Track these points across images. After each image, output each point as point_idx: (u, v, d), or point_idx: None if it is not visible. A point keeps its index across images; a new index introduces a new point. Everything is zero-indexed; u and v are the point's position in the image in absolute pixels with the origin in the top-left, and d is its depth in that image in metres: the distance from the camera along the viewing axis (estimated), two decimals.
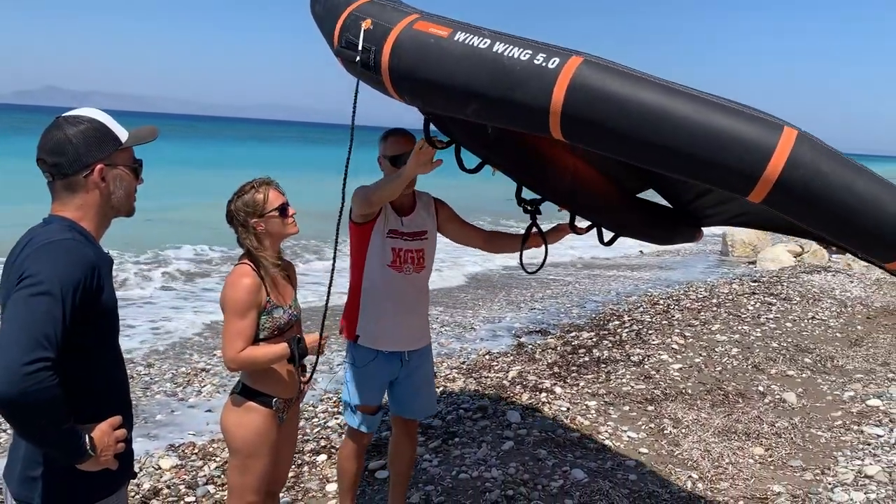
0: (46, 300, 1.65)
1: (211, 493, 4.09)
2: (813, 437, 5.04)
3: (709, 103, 1.78)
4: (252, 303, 2.65)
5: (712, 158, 1.75)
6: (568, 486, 4.16)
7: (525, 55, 1.90)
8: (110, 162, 1.89)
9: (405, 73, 2.19)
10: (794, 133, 1.72)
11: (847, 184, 1.71)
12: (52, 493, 1.82)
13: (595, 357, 6.82)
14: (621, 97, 1.80)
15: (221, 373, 6.41)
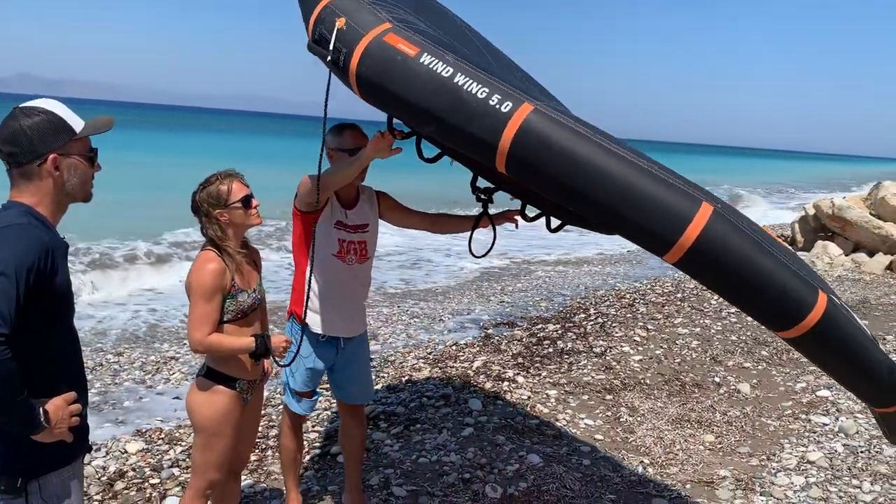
0: (1, 280, 1.75)
1: (175, 476, 4.20)
2: (762, 426, 5.24)
3: (641, 168, 1.98)
4: (217, 287, 2.75)
5: (634, 220, 1.97)
6: (523, 470, 4.31)
7: (483, 93, 2.08)
8: (64, 151, 1.99)
9: (371, 82, 2.31)
10: (711, 209, 1.93)
11: (749, 262, 1.95)
12: (8, 461, 1.93)
13: (559, 348, 6.99)
14: (561, 149, 1.99)
15: (190, 361, 6.50)
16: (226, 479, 3.06)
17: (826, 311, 2.01)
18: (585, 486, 4.18)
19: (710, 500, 4.08)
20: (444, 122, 2.17)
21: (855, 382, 2.30)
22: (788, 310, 2.01)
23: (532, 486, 4.12)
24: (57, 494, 2.00)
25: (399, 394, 5.61)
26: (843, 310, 2.11)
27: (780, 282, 1.98)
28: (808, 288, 2.02)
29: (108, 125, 2.10)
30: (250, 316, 2.91)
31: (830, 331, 2.05)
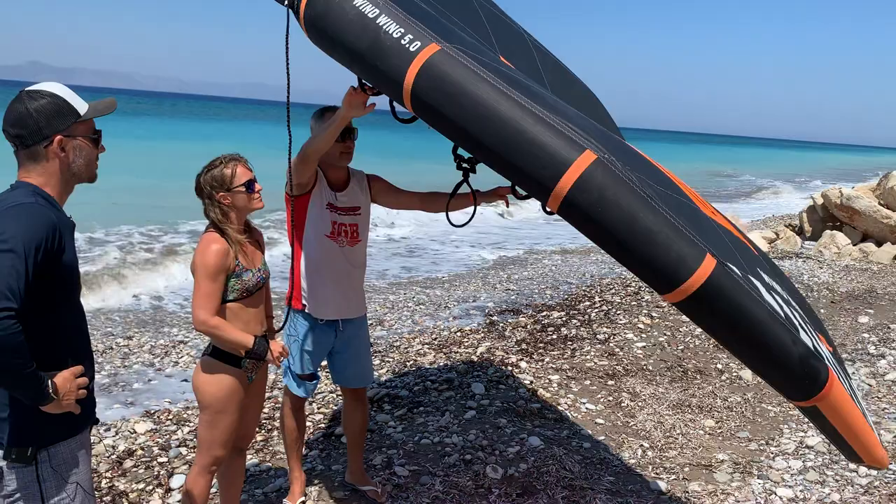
0: (11, 256, 1.83)
1: (183, 455, 4.29)
2: (763, 412, 5.29)
3: (531, 113, 1.95)
4: (221, 267, 2.82)
5: (517, 163, 1.95)
6: (524, 452, 4.38)
7: (398, 33, 2.12)
8: (69, 133, 2.06)
9: (311, 23, 2.39)
10: (592, 157, 1.88)
11: (627, 216, 1.87)
12: (19, 432, 2.00)
13: (563, 335, 7.05)
14: (457, 89, 2.00)
15: (199, 345, 6.60)
16: (231, 456, 3.14)
17: (711, 277, 1.89)
18: (585, 468, 4.24)
19: (707, 482, 4.14)
20: (363, 62, 2.23)
21: (756, 365, 2.10)
22: (667, 271, 1.90)
23: (532, 467, 4.19)
24: (66, 463, 2.08)
25: (403, 378, 5.68)
26: (743, 280, 1.98)
27: (660, 240, 1.88)
28: (693, 249, 1.91)
29: (111, 107, 2.17)
30: (255, 295, 2.98)
31: (715, 300, 1.91)
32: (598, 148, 1.93)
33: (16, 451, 2.00)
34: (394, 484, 3.96)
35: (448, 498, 3.83)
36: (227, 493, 3.31)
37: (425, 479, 4.02)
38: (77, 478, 2.11)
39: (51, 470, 2.04)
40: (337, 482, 3.96)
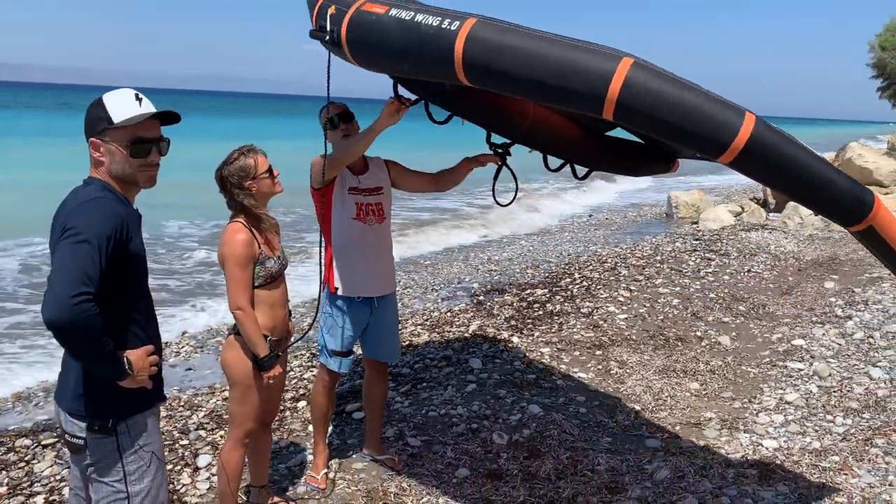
0: (87, 247, 2.02)
1: (203, 437, 4.49)
2: (743, 373, 5.62)
3: (564, 44, 2.26)
4: (249, 255, 3.02)
5: (568, 86, 2.23)
6: (525, 419, 4.65)
7: (436, 21, 2.44)
8: (101, 137, 2.22)
9: (358, 45, 2.73)
10: (630, 61, 2.18)
11: (675, 98, 2.17)
12: (100, 406, 2.20)
13: (548, 310, 7.34)
14: (500, 45, 2.31)
15: (198, 335, 6.76)
16: (258, 431, 3.35)
17: (755, 132, 2.16)
18: (583, 430, 4.53)
19: (698, 439, 4.44)
20: (413, 56, 2.54)
21: (810, 200, 2.43)
22: (716, 135, 2.18)
23: (535, 432, 4.47)
24: (142, 434, 2.28)
25: (403, 357, 5.91)
26: (778, 132, 2.25)
27: (705, 110, 2.16)
28: (733, 112, 2.17)
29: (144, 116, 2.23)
30: (277, 280, 3.18)
31: (764, 150, 2.19)
32: (630, 55, 2.22)
33: (98, 423, 2.19)
34: (408, 454, 4.20)
35: (460, 464, 4.09)
36: (256, 466, 3.53)
37: (437, 448, 4.27)
38: (152, 447, 2.31)
39: (129, 440, 2.24)
40: (355, 455, 4.18)
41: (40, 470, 4.08)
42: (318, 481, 3.83)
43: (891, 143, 17.74)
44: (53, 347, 6.36)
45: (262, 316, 3.11)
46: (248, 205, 3.06)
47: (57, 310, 1.93)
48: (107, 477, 2.23)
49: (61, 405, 2.27)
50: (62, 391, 2.27)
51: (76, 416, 2.22)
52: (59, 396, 2.29)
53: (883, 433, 4.29)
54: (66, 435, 2.27)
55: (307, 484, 3.85)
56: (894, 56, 17.08)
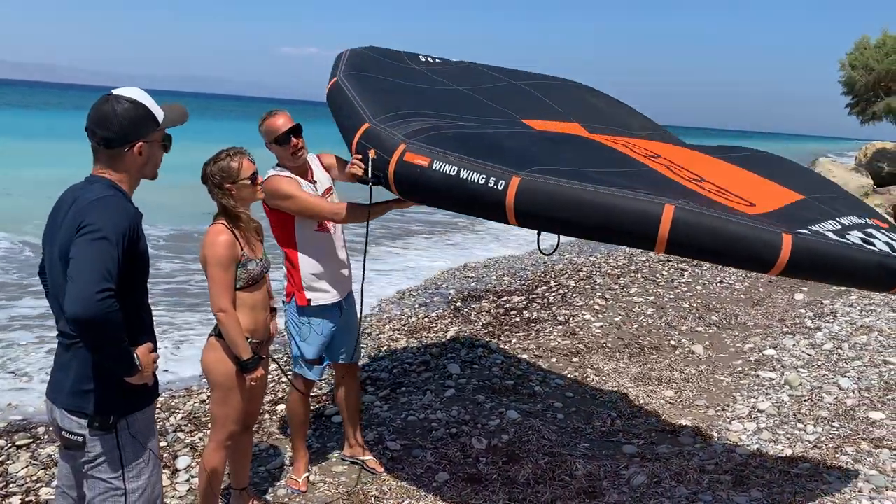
0: (105, 243, 2.04)
1: (181, 439, 4.46)
2: (716, 382, 5.72)
3: (608, 194, 2.60)
4: (231, 257, 3.01)
5: (623, 230, 2.59)
6: (504, 425, 4.70)
7: (482, 179, 2.78)
8: (149, 139, 2.25)
9: (407, 192, 3.09)
10: (672, 207, 2.52)
11: (717, 229, 2.51)
12: (101, 402, 2.20)
13: (525, 318, 7.40)
14: (550, 200, 2.67)
15: (174, 337, 6.71)
16: (240, 433, 3.35)
17: (795, 248, 2.50)
18: (561, 436, 4.58)
19: (673, 445, 4.52)
20: (462, 204, 2.93)
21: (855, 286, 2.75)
22: (761, 256, 2.54)
23: (513, 437, 4.51)
24: (141, 431, 2.28)
25: (381, 362, 5.93)
26: (815, 238, 2.57)
27: (747, 237, 2.54)
28: (773, 234, 2.52)
29: (185, 118, 2.36)
30: (259, 283, 3.18)
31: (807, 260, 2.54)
32: (671, 201, 2.55)
33: (99, 419, 2.19)
34: (388, 458, 4.22)
35: (440, 468, 4.11)
36: (236, 469, 3.52)
37: (417, 452, 4.29)
38: (150, 444, 2.32)
39: (129, 437, 2.24)
40: (334, 458, 4.19)
41: (15, 471, 4.03)
42: (299, 484, 3.83)
43: (858, 160, 18.14)
44: (25, 345, 6.29)
45: (243, 318, 3.10)
46: (227, 204, 3.06)
47: (83, 305, 1.97)
48: (105, 473, 2.23)
49: (57, 402, 2.26)
50: (58, 389, 2.27)
51: (75, 413, 2.22)
52: (53, 394, 2.28)
53: (852, 441, 4.39)
54: (62, 432, 2.26)
55: (288, 486, 3.85)
56: (863, 74, 17.49)
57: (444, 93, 3.92)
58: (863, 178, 15.28)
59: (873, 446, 4.30)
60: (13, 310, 7.36)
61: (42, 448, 4.33)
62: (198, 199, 3.82)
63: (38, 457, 4.20)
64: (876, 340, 6.54)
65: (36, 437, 4.50)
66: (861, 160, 17.82)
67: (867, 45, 17.58)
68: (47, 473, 3.98)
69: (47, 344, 6.33)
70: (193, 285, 8.72)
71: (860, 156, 18.08)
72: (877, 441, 4.38)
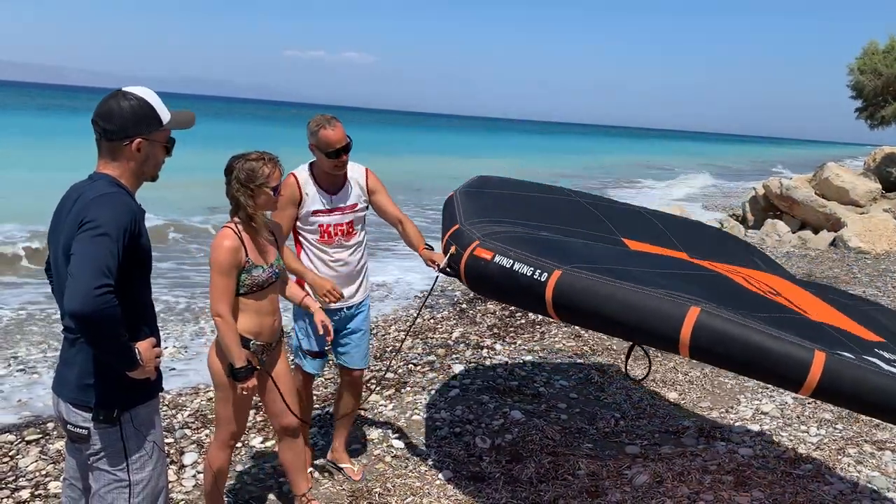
0: (106, 239, 2.07)
1: (188, 435, 4.51)
2: (720, 384, 5.74)
3: (640, 293, 2.61)
4: (232, 263, 2.98)
5: (647, 329, 2.57)
6: (508, 425, 4.73)
7: (529, 271, 2.93)
8: (149, 138, 2.29)
9: (474, 283, 3.27)
10: (697, 310, 2.48)
11: (743, 338, 2.41)
12: (105, 396, 2.25)
13: (531, 319, 7.43)
14: (583, 295, 2.73)
15: (182, 335, 6.77)
16: (281, 439, 3.34)
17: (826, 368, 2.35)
18: (565, 436, 4.61)
19: (676, 445, 4.53)
20: (512, 296, 3.10)
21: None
22: (788, 373, 2.38)
23: (517, 437, 4.54)
24: (144, 424, 2.32)
25: (387, 362, 5.97)
26: (858, 360, 2.42)
27: (774, 350, 2.38)
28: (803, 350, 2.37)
29: (192, 122, 2.40)
30: (267, 290, 3.12)
31: (841, 382, 2.35)
32: (700, 301, 2.52)
33: (103, 413, 2.24)
34: (392, 455, 4.26)
35: (444, 466, 4.15)
36: (293, 476, 3.45)
37: (421, 451, 4.33)
38: (153, 437, 2.36)
39: (133, 430, 2.29)
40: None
41: (25, 465, 4.09)
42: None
43: (867, 165, 18.10)
44: (29, 344, 6.36)
45: (247, 322, 3.08)
46: (244, 202, 3.02)
47: (82, 300, 1.99)
48: (109, 466, 2.28)
49: (62, 396, 2.31)
50: (63, 383, 2.31)
51: (80, 407, 2.26)
52: (59, 388, 2.33)
53: (855, 443, 4.41)
54: (68, 425, 2.30)
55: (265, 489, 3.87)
56: (871, 79, 17.46)
57: (547, 200, 4.21)
58: (871, 182, 15.25)
59: (876, 448, 4.32)
60: (23, 306, 7.44)
61: (51, 443, 4.38)
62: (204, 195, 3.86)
63: (47, 452, 4.26)
64: None
65: (45, 432, 4.56)
66: (870, 165, 17.78)
67: (875, 49, 17.58)
68: (56, 468, 4.03)
69: (55, 340, 6.40)
70: (206, 284, 8.78)
71: (869, 161, 18.04)
72: (879, 443, 4.39)
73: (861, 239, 12.41)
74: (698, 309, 2.47)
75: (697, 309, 2.47)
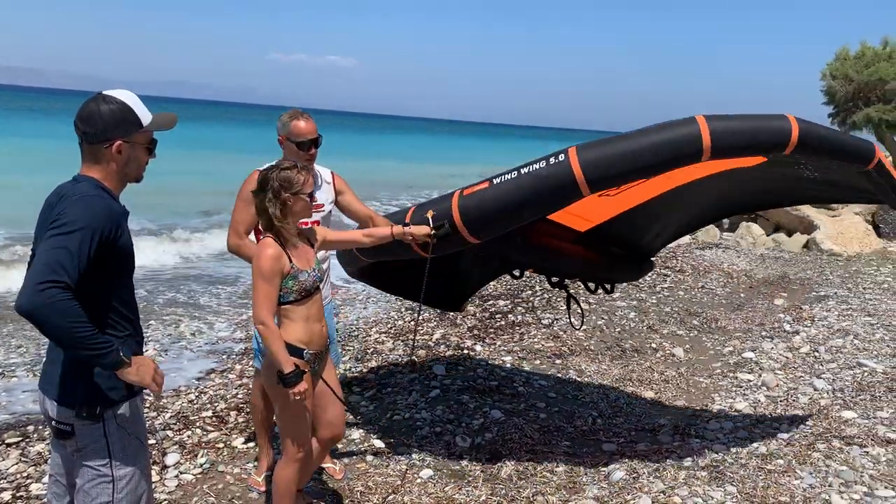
0: (69, 238, 2.09)
1: (170, 437, 4.53)
2: (696, 383, 5.85)
3: (651, 131, 3.16)
4: (275, 270, 2.94)
5: (673, 155, 3.13)
6: (487, 424, 4.80)
7: (542, 163, 3.15)
8: (129, 140, 2.33)
9: (478, 219, 3.35)
10: (703, 118, 3.10)
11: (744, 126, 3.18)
12: (88, 393, 2.28)
13: (510, 321, 7.51)
14: (609, 156, 3.15)
15: (160, 339, 6.77)
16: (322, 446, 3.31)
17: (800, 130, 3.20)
18: (543, 435, 4.69)
19: (652, 443, 4.63)
20: (536, 200, 3.25)
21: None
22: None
23: (496, 436, 4.61)
24: (127, 420, 2.36)
25: (367, 363, 6.03)
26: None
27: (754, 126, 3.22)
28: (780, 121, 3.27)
29: (172, 123, 2.42)
30: (314, 294, 3.09)
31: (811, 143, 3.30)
32: (699, 115, 3.24)
33: (86, 410, 2.27)
34: (372, 453, 4.31)
35: (424, 464, 4.21)
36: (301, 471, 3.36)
37: (402, 450, 4.38)
38: (137, 433, 2.40)
39: (115, 426, 2.32)
40: None
41: (6, 467, 4.09)
42: (260, 483, 3.89)
43: None
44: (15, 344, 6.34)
45: (297, 330, 3.05)
46: (272, 213, 2.98)
47: (25, 297, 2.02)
48: (93, 461, 2.31)
49: (48, 394, 2.34)
50: (48, 380, 2.34)
51: (64, 404, 2.30)
52: (44, 386, 2.36)
53: (824, 439, 4.53)
54: (52, 421, 2.34)
55: (251, 486, 3.90)
56: (843, 84, 17.78)
57: None
58: None
59: (844, 443, 4.44)
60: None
61: (32, 446, 4.38)
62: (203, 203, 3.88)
63: (27, 454, 4.26)
64: (851, 343, 6.70)
65: (25, 434, 4.56)
66: None
67: (847, 55, 17.91)
68: (37, 470, 4.04)
69: (32, 343, 6.38)
70: (184, 293, 8.79)
71: None
72: (848, 438, 4.51)
73: (833, 241, 12.65)
74: (703, 117, 3.11)
75: (703, 117, 3.11)
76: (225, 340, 6.98)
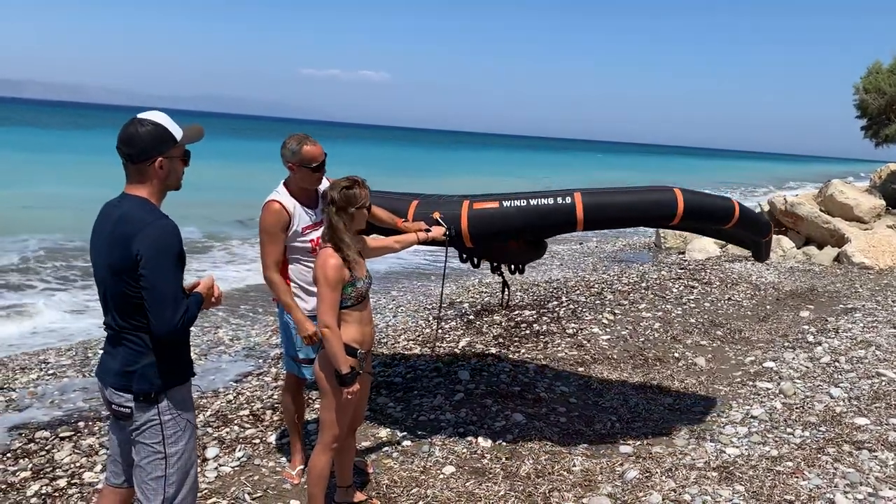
0: (171, 272, 2.48)
1: (210, 433, 4.83)
2: (715, 391, 6.00)
3: (636, 191, 4.07)
4: (338, 279, 3.27)
5: (651, 215, 4.08)
6: (509, 426, 5.02)
7: (549, 200, 3.84)
8: (168, 155, 2.62)
9: (481, 233, 3.98)
10: (679, 190, 3.98)
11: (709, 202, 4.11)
12: (145, 380, 2.58)
13: (535, 330, 7.72)
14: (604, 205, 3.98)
15: (202, 344, 7.11)
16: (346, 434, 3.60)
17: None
18: (563, 437, 4.89)
19: (668, 446, 4.81)
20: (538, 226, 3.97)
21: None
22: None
23: (517, 437, 4.83)
24: (179, 403, 2.66)
25: (395, 368, 6.29)
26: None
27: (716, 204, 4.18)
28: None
29: (201, 135, 2.72)
30: (367, 299, 3.45)
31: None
32: (678, 188, 4.12)
33: (143, 393, 2.58)
34: (399, 451, 4.56)
35: (447, 462, 4.45)
36: (341, 468, 3.79)
37: (426, 448, 4.63)
38: (187, 415, 2.69)
39: (168, 408, 2.62)
40: None
41: (60, 458, 4.43)
42: (293, 476, 4.17)
43: (873, 182, 18.31)
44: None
45: (354, 332, 3.36)
46: (340, 224, 3.29)
47: (169, 332, 2.49)
48: (148, 439, 2.61)
49: (106, 382, 2.65)
50: (107, 371, 2.65)
51: (122, 390, 2.60)
52: (102, 375, 2.67)
53: (835, 443, 4.66)
54: (113, 405, 2.64)
55: (284, 478, 4.18)
56: (875, 98, 17.72)
57: None
58: (875, 199, 15.44)
59: (854, 448, 4.57)
60: (48, 311, 7.82)
61: (83, 440, 4.72)
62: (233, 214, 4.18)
63: (80, 447, 4.60)
64: (873, 354, 6.78)
65: (77, 429, 4.90)
66: (875, 182, 17.99)
67: (880, 69, 17.86)
68: (89, 460, 4.37)
69: (81, 345, 6.76)
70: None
71: (875, 178, 18.25)
72: (858, 443, 4.64)
73: (865, 255, 12.61)
74: (679, 189, 4.01)
75: (679, 189, 4.01)
76: (261, 346, 7.31)
